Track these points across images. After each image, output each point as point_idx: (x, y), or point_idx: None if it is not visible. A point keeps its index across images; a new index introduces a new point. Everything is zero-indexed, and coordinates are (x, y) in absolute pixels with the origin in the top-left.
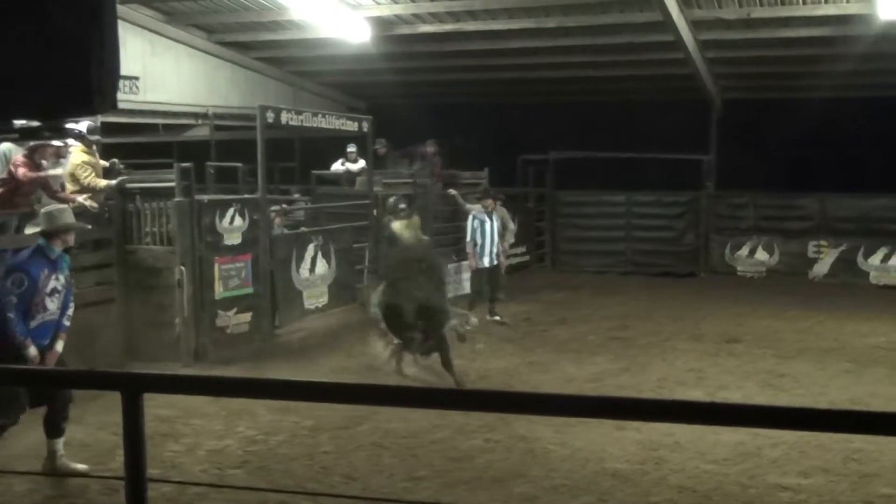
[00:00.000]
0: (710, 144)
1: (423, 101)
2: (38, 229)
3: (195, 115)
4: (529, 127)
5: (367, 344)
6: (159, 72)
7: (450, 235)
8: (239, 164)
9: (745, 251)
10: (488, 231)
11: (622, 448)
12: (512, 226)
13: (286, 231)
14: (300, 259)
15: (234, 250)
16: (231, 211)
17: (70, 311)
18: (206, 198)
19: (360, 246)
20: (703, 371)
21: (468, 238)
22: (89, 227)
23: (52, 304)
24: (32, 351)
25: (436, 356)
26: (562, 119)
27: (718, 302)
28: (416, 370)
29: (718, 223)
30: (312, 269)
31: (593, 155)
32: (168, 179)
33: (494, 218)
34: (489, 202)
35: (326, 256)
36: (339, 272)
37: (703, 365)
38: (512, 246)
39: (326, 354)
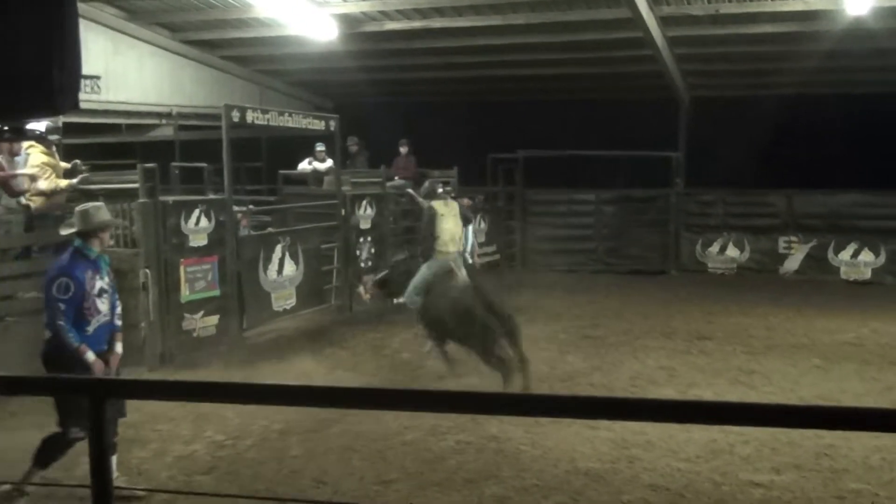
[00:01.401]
0: (680, 142)
1: (391, 100)
2: (73, 230)
3: (159, 115)
4: (499, 125)
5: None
6: (122, 71)
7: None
8: (204, 165)
9: (715, 248)
10: (470, 232)
11: (594, 447)
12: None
13: (253, 232)
14: (268, 260)
15: (200, 252)
16: (197, 212)
17: (119, 310)
18: (170, 199)
19: (329, 246)
20: (674, 369)
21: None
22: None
23: (104, 306)
24: (90, 356)
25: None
26: (531, 117)
27: (689, 299)
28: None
29: (688, 220)
30: (280, 271)
31: (563, 153)
32: (131, 180)
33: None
34: (466, 201)
35: (294, 257)
36: (307, 273)
37: (674, 363)
38: (481, 245)
39: (295, 357)
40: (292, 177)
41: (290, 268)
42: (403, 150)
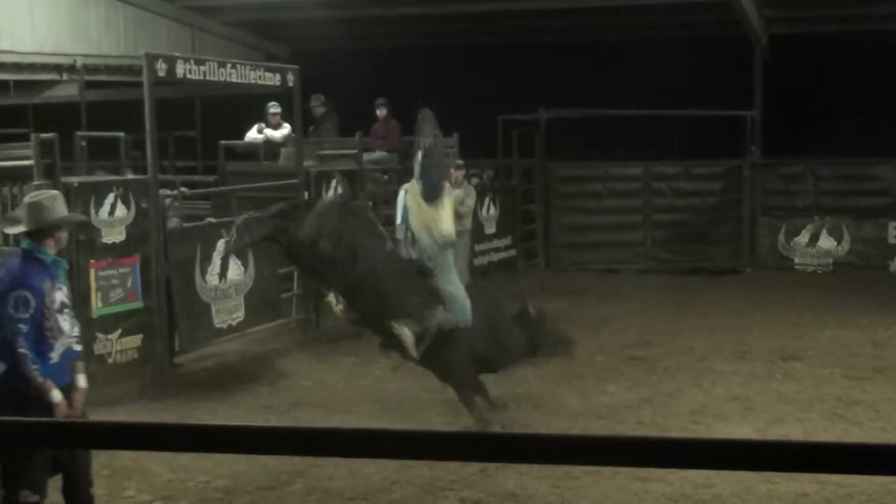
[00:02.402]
0: (755, 96)
1: (367, 45)
2: (21, 228)
3: (58, 69)
4: (511, 77)
5: None
6: (5, 12)
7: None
8: (120, 134)
9: (804, 238)
10: None
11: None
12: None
13: (186, 224)
14: (206, 261)
15: (116, 251)
16: (111, 197)
17: (78, 331)
18: (75, 180)
19: None
20: (751, 400)
21: (398, 221)
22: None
23: (66, 324)
24: (57, 395)
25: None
26: (554, 65)
27: (770, 307)
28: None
29: (767, 201)
30: (223, 275)
31: (598, 113)
32: (23, 156)
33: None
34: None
35: (241, 257)
36: (258, 278)
37: (750, 392)
38: (491, 237)
39: (243, 389)
40: (237, 149)
41: (235, 271)
42: (381, 112)
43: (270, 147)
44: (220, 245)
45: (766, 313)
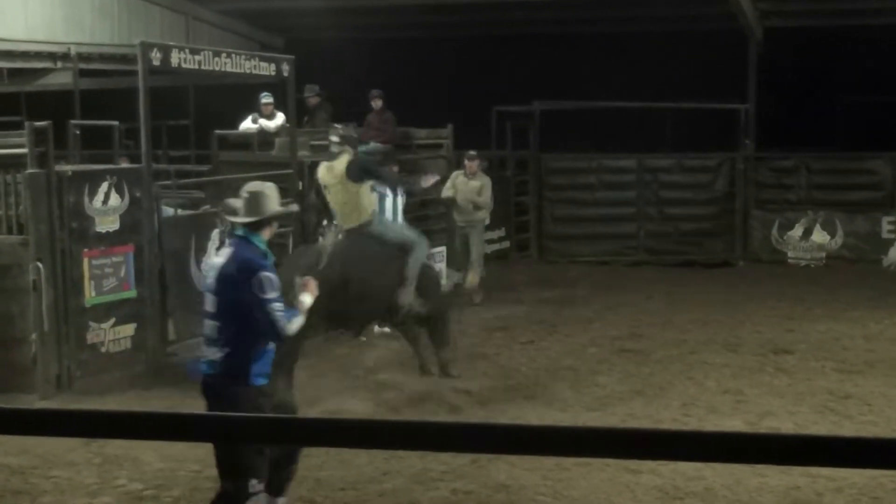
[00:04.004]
0: (749, 90)
1: (362, 36)
2: (244, 218)
3: (51, 57)
4: (505, 68)
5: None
6: None
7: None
8: (114, 123)
9: (797, 232)
10: (388, 208)
11: (635, 497)
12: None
13: (180, 212)
14: (200, 250)
15: (110, 240)
16: (104, 186)
17: None
18: (69, 168)
19: (281, 231)
20: (742, 393)
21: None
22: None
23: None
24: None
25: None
26: (548, 57)
27: (762, 300)
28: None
29: (760, 194)
30: None
31: (591, 105)
32: (16, 144)
33: (400, 192)
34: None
35: None
36: None
37: (742, 385)
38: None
39: None
40: (231, 139)
41: None
42: (376, 104)
43: (264, 137)
44: (215, 235)
45: (758, 306)
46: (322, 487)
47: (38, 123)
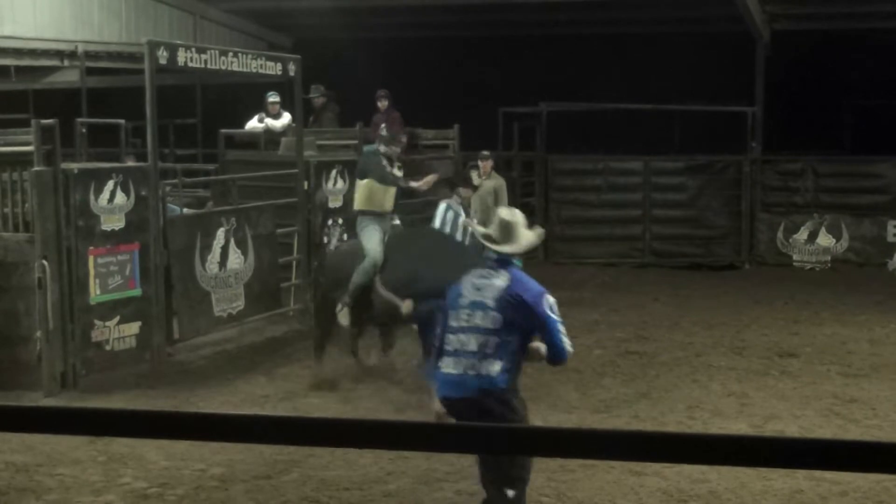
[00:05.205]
0: (756, 92)
1: (369, 36)
2: (504, 248)
3: (59, 55)
4: (513, 70)
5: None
6: None
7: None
8: (121, 121)
9: (802, 235)
10: (460, 227)
11: (639, 499)
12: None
13: (186, 211)
14: (206, 249)
15: (116, 238)
16: (111, 184)
17: None
18: (76, 166)
19: (287, 231)
20: (747, 396)
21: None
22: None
23: None
24: None
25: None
26: (556, 59)
27: (768, 303)
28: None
29: (767, 197)
30: (223, 263)
31: (598, 107)
32: (23, 142)
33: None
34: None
35: (241, 245)
36: (258, 267)
37: (747, 388)
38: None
39: (241, 378)
40: (237, 138)
41: (235, 259)
42: (382, 104)
43: (271, 136)
44: (220, 234)
45: (763, 310)
46: (327, 487)
47: (44, 121)
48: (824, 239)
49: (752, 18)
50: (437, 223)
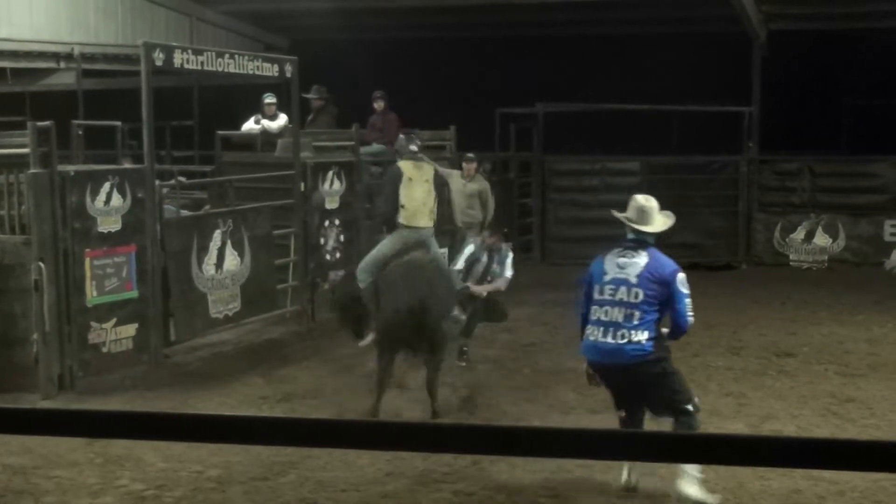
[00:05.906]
0: (753, 92)
1: (366, 37)
2: (647, 227)
3: (55, 57)
4: (509, 70)
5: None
6: (4, 0)
7: None
8: (117, 123)
9: (800, 234)
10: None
11: (637, 499)
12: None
13: (183, 213)
14: (203, 251)
15: (112, 240)
16: (107, 186)
17: None
18: (72, 168)
19: (284, 232)
20: (744, 396)
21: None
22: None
23: None
24: None
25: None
26: (553, 59)
27: (765, 302)
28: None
29: (764, 197)
30: (219, 265)
31: (595, 107)
32: (19, 144)
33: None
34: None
35: (238, 247)
36: (255, 269)
37: (744, 388)
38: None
39: (238, 380)
40: (234, 139)
41: (232, 261)
42: (379, 105)
43: (267, 137)
44: (217, 235)
45: (761, 309)
46: (325, 489)
47: (41, 123)
48: (821, 239)
49: (748, 18)
50: (459, 264)
